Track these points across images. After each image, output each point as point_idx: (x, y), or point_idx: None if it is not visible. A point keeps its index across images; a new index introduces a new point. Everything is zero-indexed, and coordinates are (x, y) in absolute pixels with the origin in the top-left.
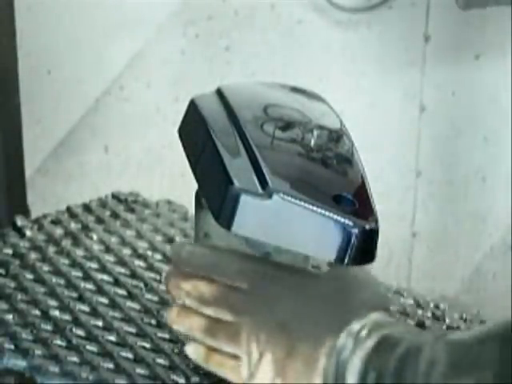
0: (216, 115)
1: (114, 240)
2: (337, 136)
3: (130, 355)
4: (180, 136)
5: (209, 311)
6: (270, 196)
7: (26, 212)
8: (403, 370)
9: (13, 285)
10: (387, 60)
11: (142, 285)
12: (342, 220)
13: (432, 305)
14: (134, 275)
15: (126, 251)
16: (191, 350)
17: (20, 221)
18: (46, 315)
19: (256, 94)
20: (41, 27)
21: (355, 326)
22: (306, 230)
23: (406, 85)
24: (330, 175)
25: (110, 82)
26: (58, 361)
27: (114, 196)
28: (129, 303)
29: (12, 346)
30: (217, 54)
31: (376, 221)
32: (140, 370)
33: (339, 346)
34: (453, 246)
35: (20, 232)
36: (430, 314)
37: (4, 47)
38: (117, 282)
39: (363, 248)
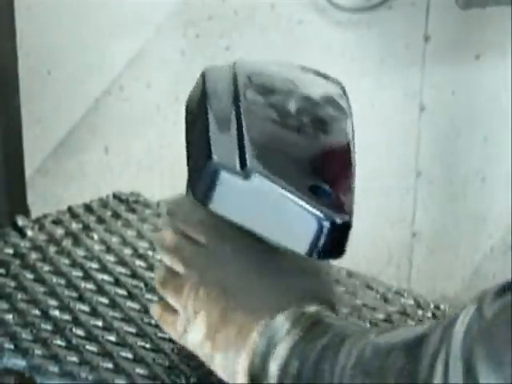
0: (220, 89)
1: (114, 240)
2: (334, 117)
3: (130, 355)
4: (186, 109)
5: (167, 260)
6: (246, 176)
7: (26, 212)
8: (322, 363)
9: (13, 284)
10: (387, 60)
11: (142, 285)
12: (314, 211)
13: (432, 305)
14: (134, 275)
15: (127, 251)
16: (152, 309)
17: (21, 221)
18: (45, 315)
19: (268, 71)
20: (41, 27)
21: (295, 310)
22: (278, 217)
23: (406, 85)
24: (314, 161)
25: (110, 82)
26: (57, 361)
27: (116, 196)
28: (129, 303)
29: (12, 346)
30: (217, 54)
31: (350, 214)
32: (139, 370)
33: (273, 326)
34: (453, 246)
35: (21, 232)
36: (430, 315)
37: (4, 47)
38: (117, 282)
39: (333, 242)
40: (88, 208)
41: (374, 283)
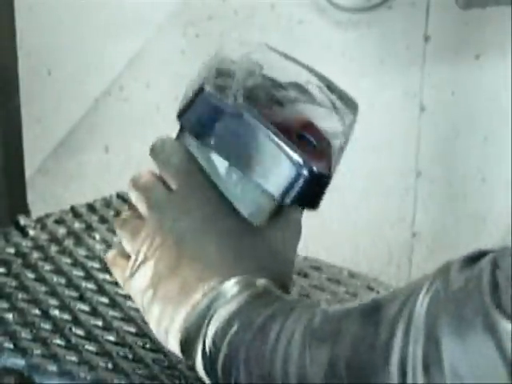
0: (225, 62)
1: (116, 239)
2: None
3: (129, 355)
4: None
5: (133, 198)
6: (236, 111)
7: (26, 212)
8: (266, 328)
9: (14, 284)
10: (387, 60)
11: None
12: (295, 156)
13: None
14: None
15: None
16: (107, 253)
17: (23, 220)
18: (45, 314)
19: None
20: (41, 27)
21: (245, 279)
22: (259, 155)
23: (406, 85)
24: (304, 119)
25: (110, 82)
26: (56, 360)
27: (119, 196)
28: (129, 303)
29: (11, 345)
30: None
31: (330, 169)
32: (138, 370)
33: (219, 290)
34: (453, 246)
35: (23, 231)
36: None
37: (4, 47)
38: (118, 282)
39: (307, 191)
40: (91, 208)
41: (375, 284)
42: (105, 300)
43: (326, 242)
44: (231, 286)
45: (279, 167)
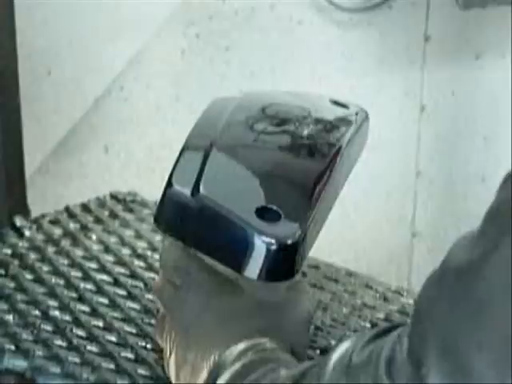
0: (211, 120)
1: (113, 240)
2: (328, 127)
3: (131, 355)
4: None
5: (157, 303)
6: (197, 201)
7: (26, 212)
8: None
9: (12, 285)
10: (387, 60)
11: (141, 285)
12: (258, 233)
13: None
14: (133, 275)
15: (126, 251)
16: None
17: (19, 221)
18: (46, 316)
19: (274, 99)
20: (41, 27)
21: (240, 346)
22: (227, 241)
23: (406, 84)
24: (272, 184)
25: (110, 82)
26: (59, 361)
27: (113, 196)
28: (129, 303)
29: (13, 347)
30: (217, 53)
31: (299, 235)
32: (141, 371)
33: (219, 363)
34: None
35: (19, 232)
36: None
37: (4, 47)
38: (116, 282)
39: (280, 264)
40: (85, 208)
41: (373, 283)
42: (104, 301)
43: (325, 242)
44: (226, 357)
45: (242, 250)
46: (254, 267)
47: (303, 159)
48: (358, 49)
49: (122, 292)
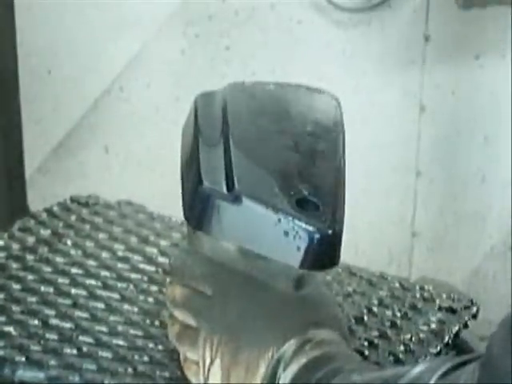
0: (210, 115)
1: (89, 244)
2: (325, 131)
3: (145, 358)
4: (182, 135)
5: (178, 315)
6: (234, 199)
7: (26, 212)
8: None
9: (2, 296)
10: (387, 60)
11: (132, 287)
12: (301, 224)
13: (417, 287)
14: (120, 278)
15: (105, 255)
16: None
17: None
18: (46, 325)
19: (257, 92)
20: (41, 27)
21: (297, 340)
22: (269, 235)
23: (406, 84)
24: (302, 175)
25: (110, 82)
26: (75, 370)
27: (74, 200)
28: (126, 306)
29: (23, 359)
30: (217, 53)
31: (339, 224)
32: (161, 372)
33: (278, 357)
34: (453, 246)
35: None
36: (418, 295)
37: (4, 47)
38: (107, 286)
39: (324, 253)
40: (51, 213)
41: (356, 269)
42: (100, 305)
43: None
44: (285, 352)
45: (289, 241)
46: (298, 257)
47: (319, 151)
48: (358, 49)
49: (115, 295)
